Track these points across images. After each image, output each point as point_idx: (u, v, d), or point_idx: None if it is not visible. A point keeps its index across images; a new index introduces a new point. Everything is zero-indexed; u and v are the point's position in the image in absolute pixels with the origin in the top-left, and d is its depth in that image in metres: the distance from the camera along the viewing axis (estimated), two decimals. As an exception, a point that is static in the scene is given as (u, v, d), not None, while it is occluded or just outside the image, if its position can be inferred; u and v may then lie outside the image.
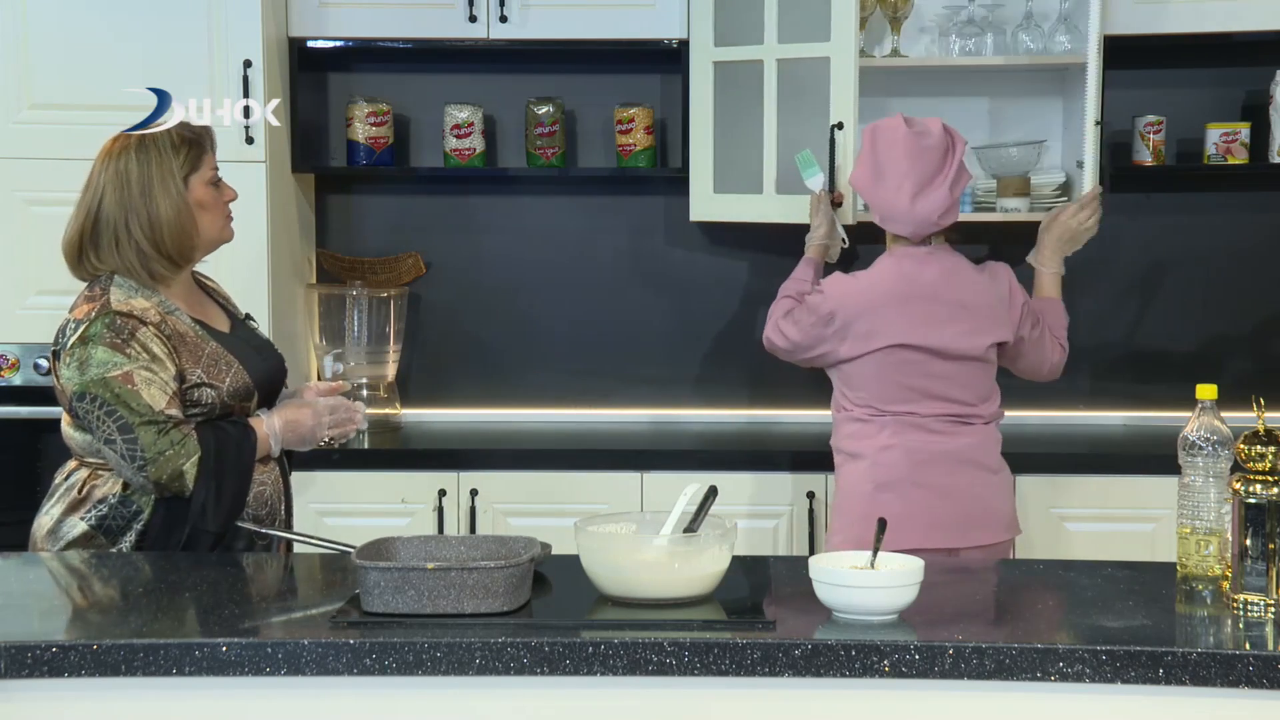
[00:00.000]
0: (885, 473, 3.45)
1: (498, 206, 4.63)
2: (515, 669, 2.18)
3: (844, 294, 3.51)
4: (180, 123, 3.04)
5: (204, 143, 3.00)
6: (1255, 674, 2.13)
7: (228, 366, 2.93)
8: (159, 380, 2.82)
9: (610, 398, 4.62)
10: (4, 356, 4.11)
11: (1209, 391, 2.44)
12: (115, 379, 2.79)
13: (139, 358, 2.81)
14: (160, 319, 2.88)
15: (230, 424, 2.91)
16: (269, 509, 2.97)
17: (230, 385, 2.92)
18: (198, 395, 2.88)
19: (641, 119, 4.44)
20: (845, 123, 3.97)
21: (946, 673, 2.17)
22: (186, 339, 2.90)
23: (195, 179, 2.96)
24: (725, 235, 4.56)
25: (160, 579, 2.67)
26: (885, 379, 3.47)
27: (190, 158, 2.95)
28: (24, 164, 4.07)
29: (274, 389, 3.07)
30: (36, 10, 4.05)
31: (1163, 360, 4.53)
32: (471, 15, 4.23)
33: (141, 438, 2.79)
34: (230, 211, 3.04)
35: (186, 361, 2.87)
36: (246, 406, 2.96)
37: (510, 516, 4.08)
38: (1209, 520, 2.41)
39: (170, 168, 2.93)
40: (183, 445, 2.80)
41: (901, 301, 3.45)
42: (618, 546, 2.44)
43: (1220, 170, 4.36)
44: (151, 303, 2.90)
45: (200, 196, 2.96)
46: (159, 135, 2.96)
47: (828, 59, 3.99)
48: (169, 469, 2.79)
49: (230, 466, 2.86)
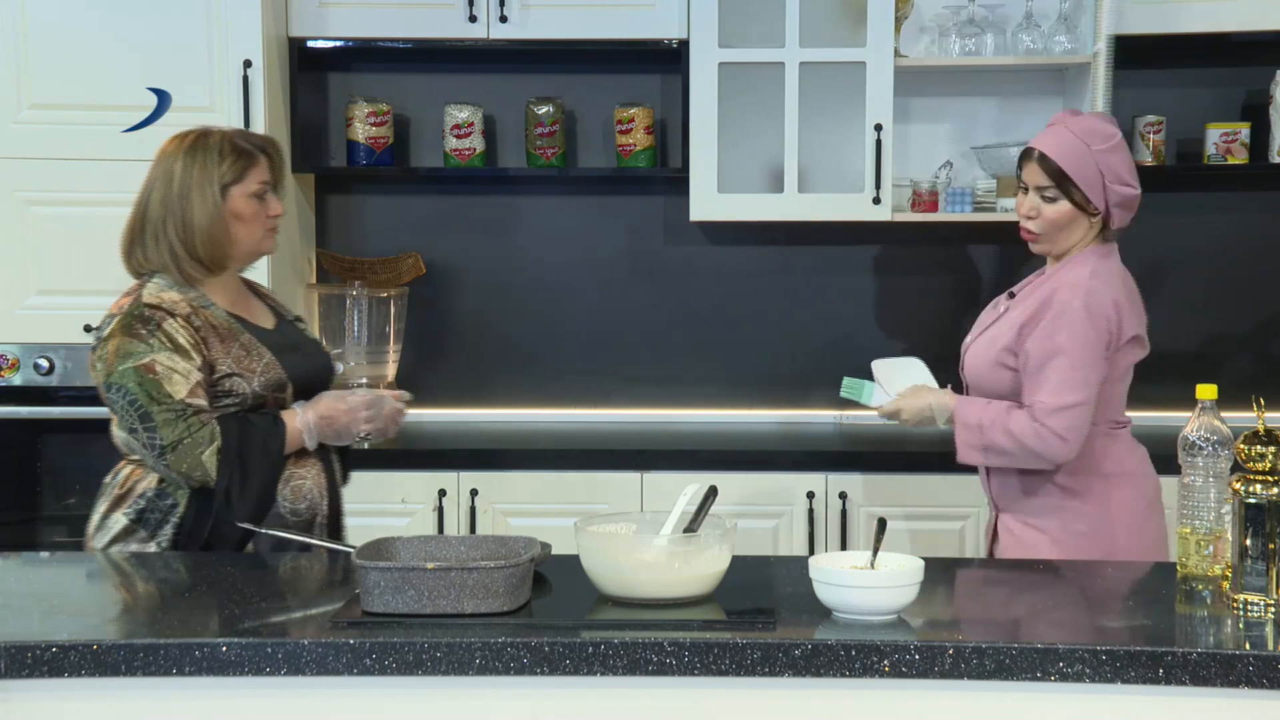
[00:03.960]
0: (1153, 490, 3.15)
1: (498, 206, 4.63)
2: (515, 669, 2.18)
3: (1105, 298, 3.05)
4: (239, 130, 3.06)
5: (255, 155, 3.00)
6: (1255, 674, 2.13)
7: (259, 358, 2.94)
8: (181, 370, 2.84)
9: (610, 398, 4.62)
10: (4, 356, 4.11)
11: (1209, 391, 2.44)
12: (138, 368, 2.83)
13: (162, 348, 2.84)
14: (191, 311, 2.90)
15: (259, 415, 2.92)
16: (309, 504, 2.97)
17: (262, 376, 2.93)
18: (229, 385, 2.90)
19: (641, 119, 4.44)
20: (884, 124, 4.18)
21: (946, 673, 2.17)
22: (218, 330, 2.92)
23: (237, 189, 2.96)
24: (725, 235, 4.56)
25: (161, 579, 2.67)
26: (1122, 383, 3.12)
27: (235, 168, 2.96)
28: (24, 164, 4.08)
29: (315, 388, 3.06)
30: (36, 10, 4.06)
31: (1163, 360, 4.52)
32: (471, 15, 4.23)
33: (160, 425, 2.81)
34: (274, 225, 3.04)
35: (216, 352, 2.90)
36: (281, 399, 2.97)
37: (510, 516, 4.08)
38: (1209, 520, 2.41)
39: (211, 175, 2.94)
40: (200, 433, 2.82)
41: (1129, 295, 3.13)
42: (618, 546, 2.44)
43: (1220, 170, 4.36)
44: (185, 297, 2.92)
45: (239, 208, 2.97)
46: (213, 140, 2.97)
47: (863, 63, 4.18)
48: (188, 457, 2.81)
49: (255, 457, 2.87)
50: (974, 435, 3.07)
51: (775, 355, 4.59)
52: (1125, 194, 3.07)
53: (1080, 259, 3.10)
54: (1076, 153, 3.04)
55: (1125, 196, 3.08)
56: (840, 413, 4.51)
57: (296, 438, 2.94)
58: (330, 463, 3.05)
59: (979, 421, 3.06)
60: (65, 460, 4.19)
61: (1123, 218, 3.11)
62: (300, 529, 2.93)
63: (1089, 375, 3.00)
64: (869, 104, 4.20)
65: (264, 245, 3.04)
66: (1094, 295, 3.02)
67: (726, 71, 4.22)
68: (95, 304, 4.04)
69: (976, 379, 3.18)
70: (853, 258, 4.59)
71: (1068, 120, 3.11)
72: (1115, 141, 3.07)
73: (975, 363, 3.17)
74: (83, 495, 4.17)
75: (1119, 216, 3.10)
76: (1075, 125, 3.08)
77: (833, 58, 4.21)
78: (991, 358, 3.12)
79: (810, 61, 4.20)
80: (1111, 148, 3.06)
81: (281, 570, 2.74)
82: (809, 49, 4.19)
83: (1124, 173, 3.07)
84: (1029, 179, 3.11)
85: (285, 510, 2.92)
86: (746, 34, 4.24)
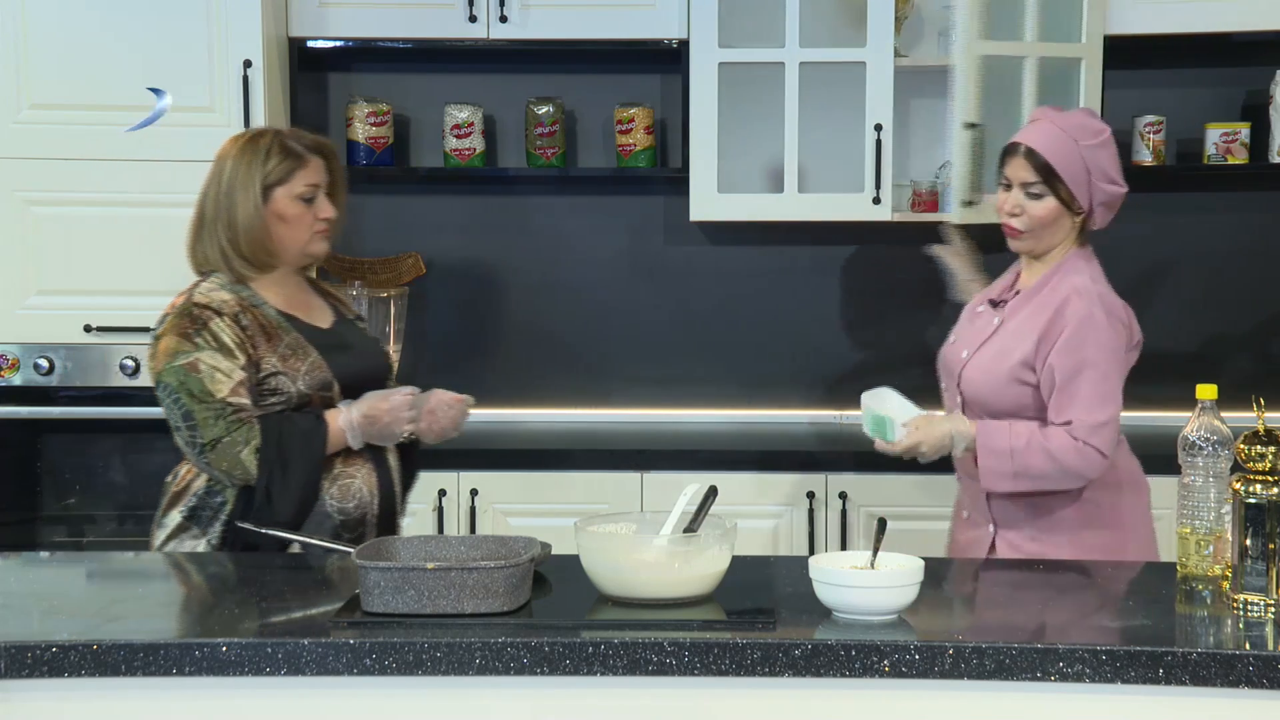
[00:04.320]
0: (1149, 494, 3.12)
1: (498, 206, 4.63)
2: (515, 669, 2.18)
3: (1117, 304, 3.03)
4: (294, 131, 3.08)
5: (305, 157, 3.00)
6: (1255, 674, 2.13)
7: (305, 357, 2.95)
8: (224, 369, 2.86)
9: (610, 398, 4.62)
10: (4, 356, 4.11)
11: (1209, 391, 2.44)
12: (182, 367, 2.85)
13: (207, 346, 2.87)
14: (239, 310, 2.92)
15: (302, 414, 2.93)
16: (358, 503, 2.97)
17: (307, 376, 2.94)
18: (274, 384, 2.91)
19: (641, 119, 4.44)
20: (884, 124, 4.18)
21: (946, 673, 2.17)
22: (266, 329, 2.94)
23: (281, 191, 2.98)
24: (725, 235, 4.56)
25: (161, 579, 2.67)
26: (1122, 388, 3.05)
27: (281, 169, 2.97)
28: (24, 164, 4.07)
29: (366, 388, 3.04)
30: (36, 10, 4.05)
31: (1163, 360, 4.52)
32: (471, 15, 4.23)
33: (201, 424, 2.84)
34: (324, 228, 3.04)
35: (263, 351, 2.91)
36: (327, 399, 2.97)
37: (510, 516, 4.08)
38: (1209, 520, 2.41)
39: (255, 175, 2.96)
40: (240, 432, 2.84)
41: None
42: (618, 546, 2.44)
43: (1220, 170, 4.36)
44: (235, 296, 2.95)
45: (283, 209, 2.98)
46: (264, 140, 2.99)
47: (863, 63, 4.18)
48: (227, 456, 2.84)
49: (296, 456, 2.87)
50: (1003, 462, 2.93)
51: (775, 355, 4.59)
52: (1111, 192, 3.02)
53: (1072, 264, 3.04)
54: (1064, 148, 2.98)
55: (1111, 195, 3.02)
56: (840, 412, 4.51)
57: (339, 437, 2.93)
58: (384, 463, 3.04)
59: (1009, 447, 2.93)
60: (65, 460, 4.19)
61: (1105, 217, 3.05)
62: (349, 529, 2.94)
63: (1118, 385, 2.96)
64: (869, 104, 4.19)
65: (312, 248, 3.04)
66: (1107, 302, 2.99)
67: (726, 71, 4.22)
68: (95, 304, 4.09)
69: (982, 396, 3.04)
70: (853, 258, 4.59)
71: (1054, 116, 3.05)
72: (1104, 138, 3.01)
73: (984, 379, 3.04)
74: (83, 495, 4.18)
75: (1101, 215, 3.05)
76: (1063, 121, 3.02)
77: (833, 58, 4.21)
78: (1004, 373, 3.00)
79: (810, 61, 4.20)
80: (1100, 144, 3.00)
81: (281, 570, 2.74)
82: (809, 49, 4.20)
83: (1111, 170, 3.02)
84: (1014, 175, 3.03)
85: (333, 509, 2.93)
86: (746, 34, 4.24)
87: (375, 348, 3.20)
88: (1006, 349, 3.02)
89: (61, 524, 4.18)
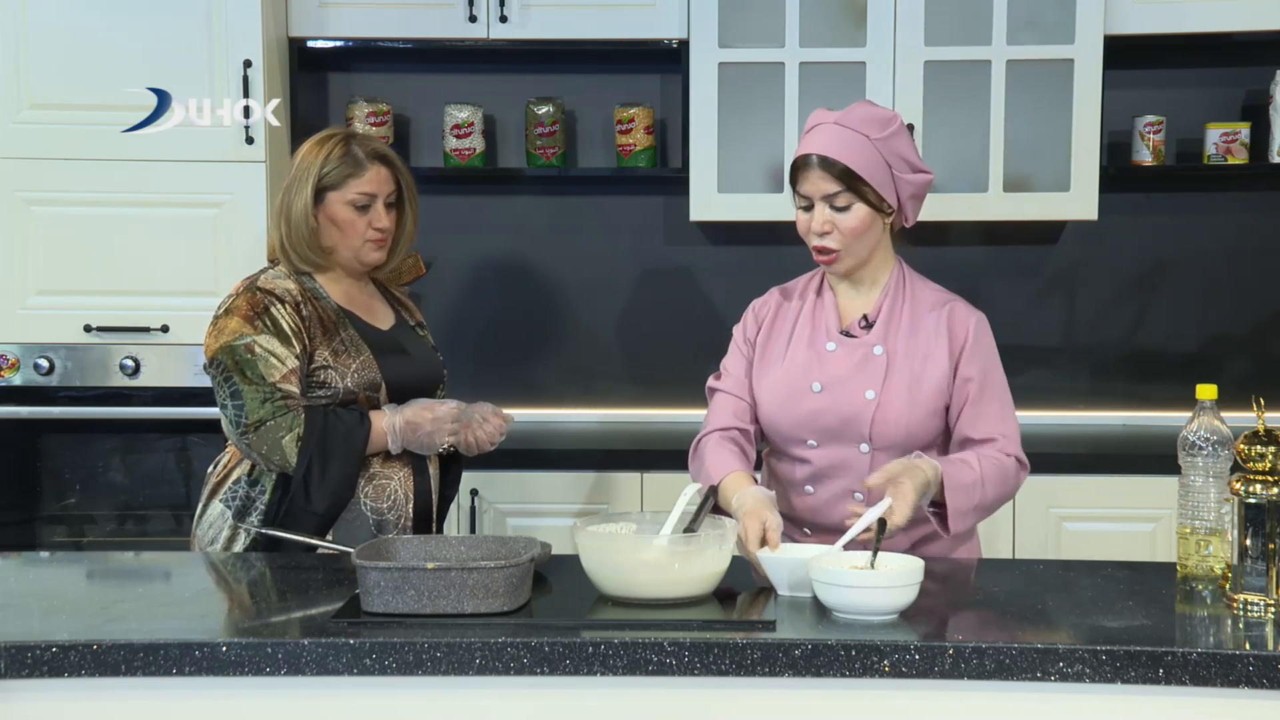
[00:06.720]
0: None
1: (498, 206, 4.63)
2: (515, 669, 2.18)
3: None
4: (364, 137, 3.10)
5: (364, 165, 3.03)
6: (1255, 674, 2.13)
7: (357, 355, 2.98)
8: (279, 354, 2.89)
9: (610, 398, 4.62)
10: (4, 356, 4.11)
11: (1209, 391, 2.44)
12: (239, 348, 2.89)
13: (265, 331, 2.90)
14: (301, 300, 2.96)
15: (348, 410, 2.95)
16: (393, 505, 2.98)
17: (356, 374, 2.96)
18: (323, 377, 2.94)
19: (641, 119, 4.44)
20: None
21: (946, 673, 2.17)
22: (324, 321, 2.97)
23: (334, 195, 3.01)
24: (725, 235, 4.56)
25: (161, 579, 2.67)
26: None
27: (336, 174, 3.01)
28: (24, 164, 4.07)
29: (415, 394, 3.06)
30: (36, 10, 4.05)
31: (1163, 360, 4.53)
32: (471, 15, 4.23)
33: (248, 404, 2.87)
34: (379, 238, 3.06)
35: (318, 343, 2.94)
36: (374, 399, 2.99)
37: (510, 516, 4.08)
38: (1209, 520, 2.41)
39: (312, 175, 3.01)
40: (284, 418, 2.87)
41: None
42: (618, 546, 2.44)
43: (1220, 170, 4.36)
44: (299, 285, 2.99)
45: (335, 214, 3.02)
46: (330, 142, 3.03)
47: (863, 63, 4.17)
48: (268, 439, 2.86)
49: (336, 450, 2.89)
50: (967, 497, 2.65)
51: (775, 355, 4.58)
52: (917, 181, 2.75)
53: (910, 273, 2.83)
54: (858, 147, 2.69)
55: (917, 184, 2.75)
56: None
57: (381, 438, 2.95)
58: (424, 470, 3.05)
59: (975, 479, 2.66)
60: (65, 460, 4.18)
61: (915, 210, 2.79)
62: (384, 530, 2.96)
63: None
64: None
65: (364, 255, 3.06)
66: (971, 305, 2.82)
67: (726, 71, 4.22)
68: (95, 304, 4.08)
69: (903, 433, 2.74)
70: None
71: (835, 116, 2.75)
72: (895, 126, 2.72)
73: (906, 414, 2.73)
74: (83, 495, 4.18)
75: (912, 209, 2.78)
76: (846, 119, 2.72)
77: (833, 58, 4.20)
78: (925, 405, 2.74)
79: (810, 61, 4.20)
80: (893, 133, 2.71)
81: (281, 570, 2.74)
82: (809, 49, 4.19)
83: (911, 157, 2.75)
84: (812, 190, 2.72)
85: (367, 509, 2.95)
86: (746, 34, 4.23)
87: (431, 356, 3.20)
88: (920, 378, 2.75)
89: (61, 524, 4.18)
